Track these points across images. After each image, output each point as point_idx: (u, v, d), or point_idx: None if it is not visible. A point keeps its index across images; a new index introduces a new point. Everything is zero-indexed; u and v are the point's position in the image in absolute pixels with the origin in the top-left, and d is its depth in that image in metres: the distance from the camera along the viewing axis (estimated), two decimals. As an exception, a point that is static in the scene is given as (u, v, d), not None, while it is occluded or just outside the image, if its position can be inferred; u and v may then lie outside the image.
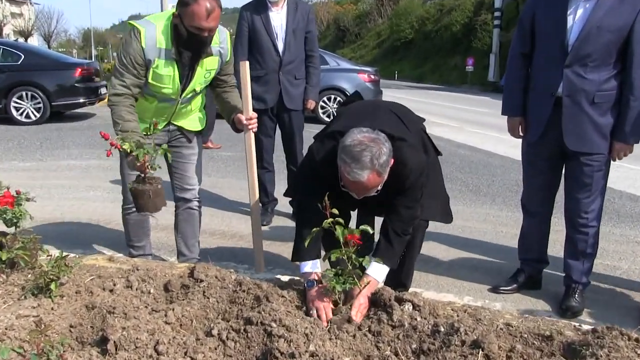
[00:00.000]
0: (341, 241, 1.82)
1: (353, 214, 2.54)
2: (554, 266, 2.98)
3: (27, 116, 9.14)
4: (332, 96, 9.71)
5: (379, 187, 1.98)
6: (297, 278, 2.22)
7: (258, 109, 2.68)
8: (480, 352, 1.58)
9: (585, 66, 2.46)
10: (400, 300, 1.86)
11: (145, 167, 2.20)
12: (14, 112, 9.08)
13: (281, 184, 4.30)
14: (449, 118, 11.25)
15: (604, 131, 2.52)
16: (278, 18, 3.74)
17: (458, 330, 1.67)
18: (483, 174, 5.92)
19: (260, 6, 3.75)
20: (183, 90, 2.53)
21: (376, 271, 2.08)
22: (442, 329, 1.70)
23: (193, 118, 2.75)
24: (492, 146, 7.67)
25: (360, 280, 1.95)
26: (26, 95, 9.11)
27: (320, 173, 2.12)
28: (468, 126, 10.09)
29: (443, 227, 3.84)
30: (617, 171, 5.54)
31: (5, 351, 1.47)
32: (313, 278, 2.04)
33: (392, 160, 1.96)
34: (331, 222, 1.80)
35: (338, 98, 9.61)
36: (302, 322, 1.72)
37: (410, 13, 35.79)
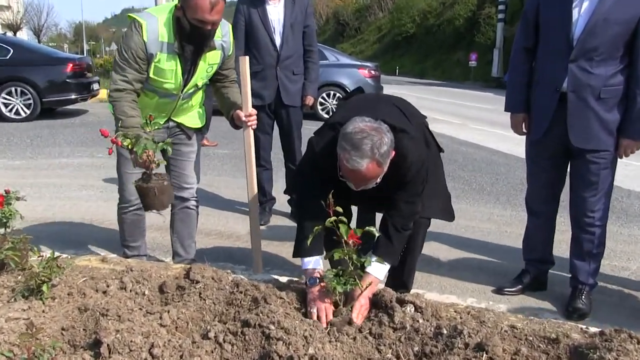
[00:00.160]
0: (344, 240, 1.81)
1: (354, 214, 2.54)
2: (560, 267, 2.98)
3: (17, 113, 9.14)
4: (332, 92, 9.71)
5: (378, 180, 1.98)
6: (296, 279, 2.23)
7: (255, 106, 2.68)
8: (484, 355, 1.58)
9: (591, 60, 2.46)
10: (401, 301, 1.86)
11: (149, 164, 2.20)
12: (3, 109, 9.08)
13: (279, 183, 4.30)
14: (452, 115, 11.26)
15: (611, 127, 2.51)
16: (275, 12, 3.73)
17: (461, 332, 1.67)
18: (486, 172, 5.92)
19: (257, -1, 3.75)
20: (185, 85, 2.53)
21: (376, 269, 2.08)
22: (445, 332, 1.70)
23: (193, 114, 2.75)
24: (496, 144, 7.68)
25: (361, 280, 1.95)
26: (15, 91, 9.11)
27: (320, 165, 2.12)
28: (471, 123, 10.10)
29: (446, 227, 3.84)
30: (625, 169, 5.56)
31: (-6, 355, 1.47)
32: (315, 275, 2.03)
33: (394, 152, 1.96)
34: (334, 221, 1.80)
35: (337, 94, 9.62)
36: (301, 325, 1.72)
37: (411, 7, 35.77)
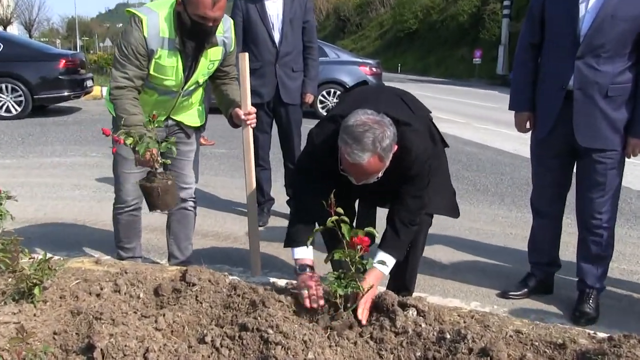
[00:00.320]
0: (346, 241, 1.81)
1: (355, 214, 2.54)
2: (567, 270, 2.99)
3: (7, 110, 9.11)
4: (332, 90, 9.72)
5: (380, 174, 1.99)
6: (295, 282, 2.22)
7: (254, 104, 2.67)
8: (488, 361, 1.58)
9: (598, 57, 2.46)
10: (403, 305, 1.87)
11: (152, 163, 2.20)
12: (-7, 106, 9.07)
13: (278, 183, 4.31)
14: (455, 113, 11.25)
15: (618, 126, 2.52)
16: (274, 7, 3.74)
17: (465, 337, 1.67)
18: (491, 173, 5.93)
19: (255, -6, 3.75)
20: (186, 82, 2.53)
21: (382, 263, 2.10)
22: (448, 336, 1.70)
23: (192, 112, 2.75)
24: (501, 143, 7.69)
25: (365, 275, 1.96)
26: (6, 87, 9.08)
27: (319, 158, 2.13)
28: (475, 122, 10.10)
29: (449, 229, 3.85)
30: (635, 169, 5.55)
31: (-16, 360, 1.47)
32: (306, 264, 2.09)
33: (396, 146, 1.97)
34: (335, 221, 1.80)
35: (338, 92, 9.62)
36: (300, 329, 1.72)
37: (414, 2, 35.78)
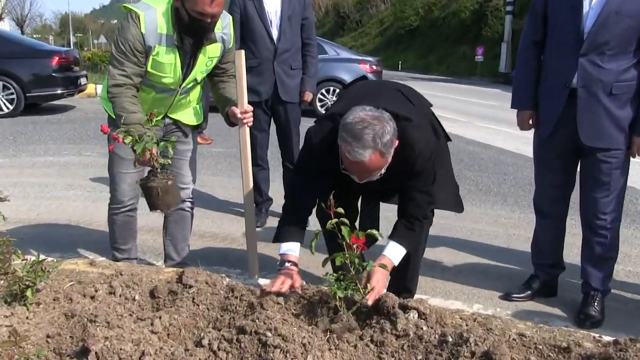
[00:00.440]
0: (346, 242, 1.81)
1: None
2: (571, 272, 2.99)
3: (-1, 108, 9.13)
4: (331, 88, 9.72)
5: (383, 170, 1.99)
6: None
7: (251, 102, 2.68)
8: (491, 364, 1.58)
9: (602, 55, 2.46)
10: (404, 307, 1.86)
11: (151, 162, 2.20)
12: (-16, 104, 9.06)
13: (276, 183, 4.30)
14: (457, 112, 11.26)
15: (623, 125, 2.52)
16: (272, 3, 3.74)
17: (467, 340, 1.67)
18: (494, 173, 5.93)
19: (253, -10, 3.75)
20: (184, 79, 2.52)
21: (393, 252, 2.12)
22: (450, 339, 1.70)
23: (190, 111, 2.75)
24: (504, 142, 7.70)
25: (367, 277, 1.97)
26: (-3, 85, 9.10)
27: (318, 157, 2.13)
28: (477, 121, 10.11)
29: (451, 230, 3.85)
30: None
31: (-25, 364, 1.47)
32: (289, 260, 2.13)
33: (397, 141, 1.97)
34: (335, 223, 1.80)
35: (337, 90, 9.62)
36: (299, 332, 1.72)
37: (415, -2, 35.83)
